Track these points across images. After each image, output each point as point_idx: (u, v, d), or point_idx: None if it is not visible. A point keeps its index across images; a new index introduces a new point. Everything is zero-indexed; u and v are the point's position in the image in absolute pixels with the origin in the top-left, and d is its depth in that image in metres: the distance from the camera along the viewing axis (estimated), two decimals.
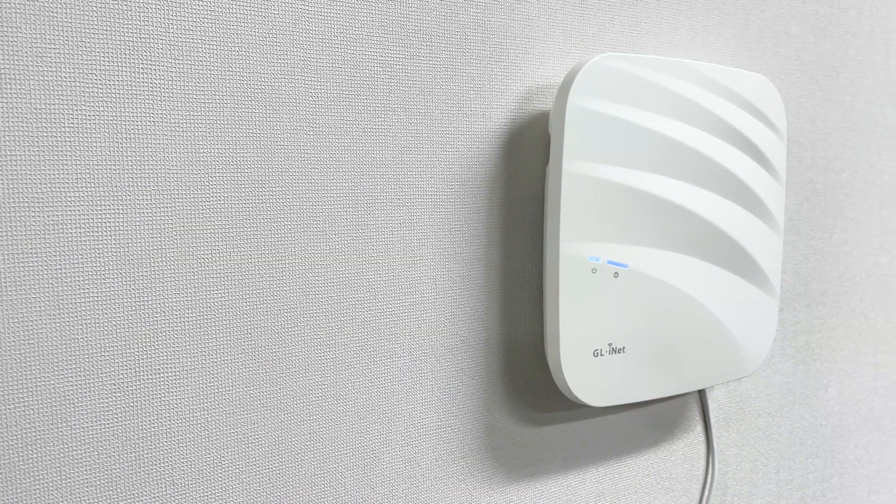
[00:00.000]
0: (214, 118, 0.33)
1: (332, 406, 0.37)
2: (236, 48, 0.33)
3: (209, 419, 0.34)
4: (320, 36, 0.35)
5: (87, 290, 0.31)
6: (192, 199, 0.33)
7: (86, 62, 0.30)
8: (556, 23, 0.42)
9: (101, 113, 0.31)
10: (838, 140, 0.57)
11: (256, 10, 0.34)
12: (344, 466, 0.38)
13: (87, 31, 0.30)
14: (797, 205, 0.55)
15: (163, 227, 0.33)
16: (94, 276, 0.31)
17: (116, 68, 0.31)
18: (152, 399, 0.33)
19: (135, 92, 0.32)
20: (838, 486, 0.61)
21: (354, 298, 0.37)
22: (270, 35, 0.34)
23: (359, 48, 0.36)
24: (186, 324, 0.33)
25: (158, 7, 0.32)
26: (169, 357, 0.33)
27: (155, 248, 0.33)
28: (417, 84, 0.38)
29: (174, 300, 0.33)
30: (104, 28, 0.31)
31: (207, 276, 0.34)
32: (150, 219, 0.32)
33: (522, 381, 0.43)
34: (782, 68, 0.53)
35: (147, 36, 0.32)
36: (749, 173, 0.44)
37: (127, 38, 0.31)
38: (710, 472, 0.52)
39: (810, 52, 0.54)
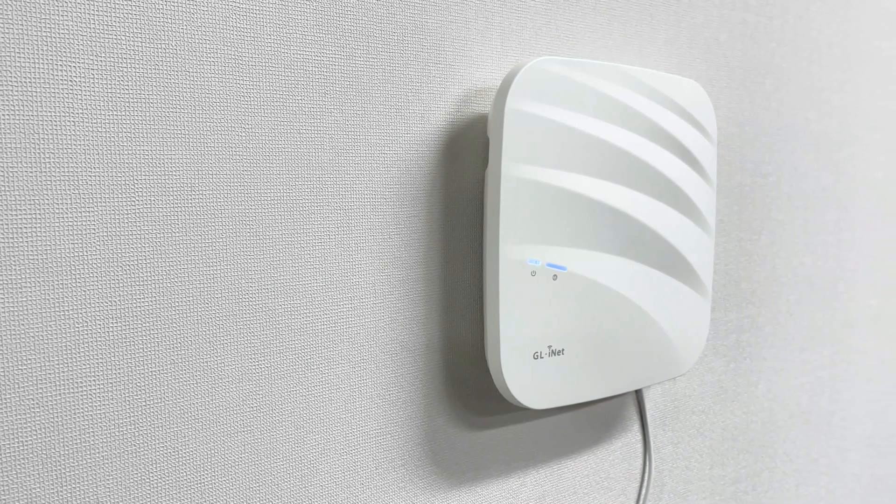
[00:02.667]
0: (139, 118, 0.32)
1: (268, 416, 0.36)
2: (163, 45, 0.32)
3: (136, 433, 0.33)
4: (252, 34, 0.34)
5: (2, 300, 0.30)
6: (116, 203, 0.32)
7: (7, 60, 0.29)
8: (494, 25, 0.42)
9: (15, 111, 0.29)
10: (765, 144, 0.59)
11: (185, 5, 0.32)
12: (280, 478, 0.37)
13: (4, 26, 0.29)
14: (727, 207, 0.56)
15: (84, 231, 0.31)
16: (11, 285, 0.30)
17: (33, 64, 0.29)
18: (74, 413, 0.31)
19: (54, 90, 0.30)
20: (768, 479, 0.63)
21: (290, 304, 0.36)
22: (200, 32, 0.33)
23: (293, 47, 0.35)
24: (110, 332, 0.32)
25: (80, 1, 0.30)
26: (92, 367, 0.32)
27: (75, 253, 0.31)
28: (354, 85, 0.37)
29: (97, 308, 0.32)
30: (20, 22, 0.29)
31: (133, 282, 0.32)
32: (70, 223, 0.31)
33: (463, 386, 0.42)
34: (712, 74, 0.54)
35: (67, 31, 0.30)
36: (681, 176, 0.45)
37: (47, 33, 0.30)
38: (647, 470, 0.53)
39: (739, 58, 0.56)
